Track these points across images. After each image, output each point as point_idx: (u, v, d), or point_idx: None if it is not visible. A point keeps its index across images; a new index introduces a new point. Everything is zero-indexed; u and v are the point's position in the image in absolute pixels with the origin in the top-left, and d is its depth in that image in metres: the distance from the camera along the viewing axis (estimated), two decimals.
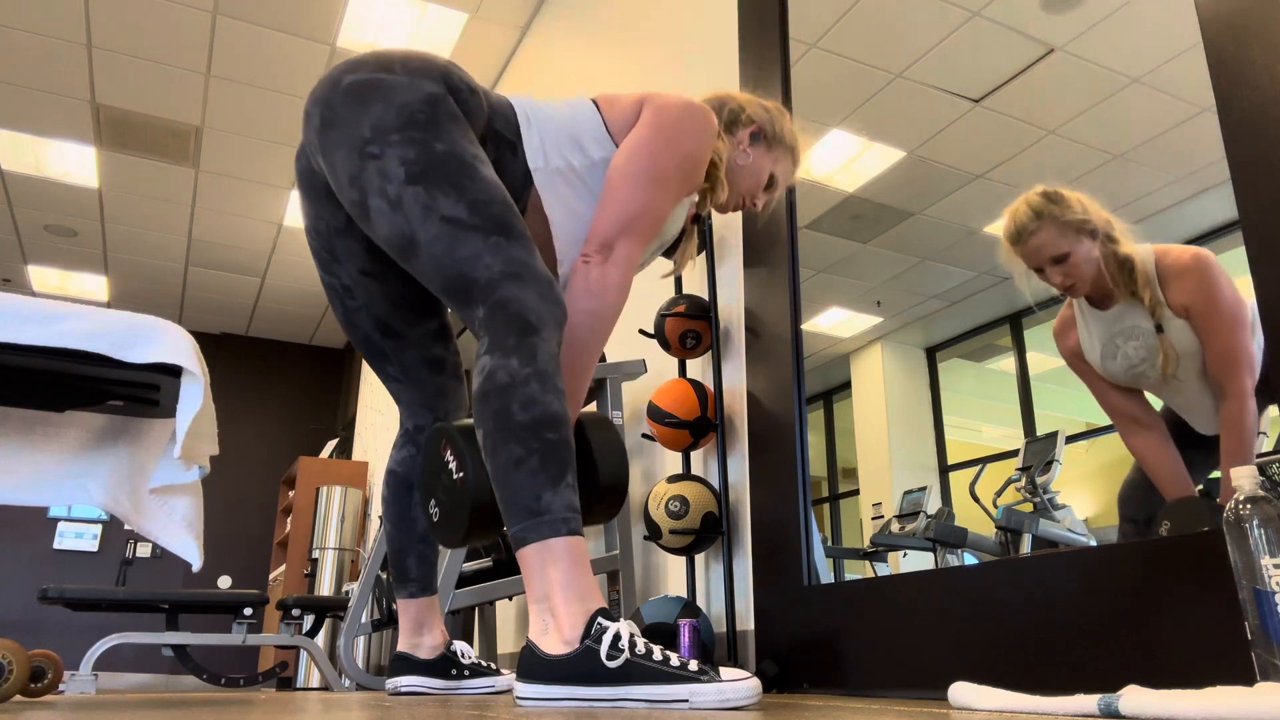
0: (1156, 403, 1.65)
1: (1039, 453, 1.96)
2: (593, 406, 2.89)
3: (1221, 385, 1.49)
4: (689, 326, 2.46)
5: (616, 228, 1.46)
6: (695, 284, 2.75)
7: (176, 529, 1.76)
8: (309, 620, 3.90)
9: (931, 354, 2.47)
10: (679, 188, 1.53)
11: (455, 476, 1.38)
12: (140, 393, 1.68)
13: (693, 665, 1.13)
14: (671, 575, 2.62)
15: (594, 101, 1.57)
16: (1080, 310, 1.70)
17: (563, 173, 1.50)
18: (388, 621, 3.09)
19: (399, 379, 1.69)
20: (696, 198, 1.70)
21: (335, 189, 1.40)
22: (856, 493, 2.63)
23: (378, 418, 6.98)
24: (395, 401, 1.75)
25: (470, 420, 1.39)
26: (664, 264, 1.87)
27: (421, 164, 1.32)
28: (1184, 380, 1.55)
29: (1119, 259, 1.60)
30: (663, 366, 2.87)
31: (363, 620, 3.05)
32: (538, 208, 1.50)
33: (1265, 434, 1.45)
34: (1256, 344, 1.43)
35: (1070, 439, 1.91)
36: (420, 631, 1.76)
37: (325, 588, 6.12)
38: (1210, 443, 1.54)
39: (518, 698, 1.19)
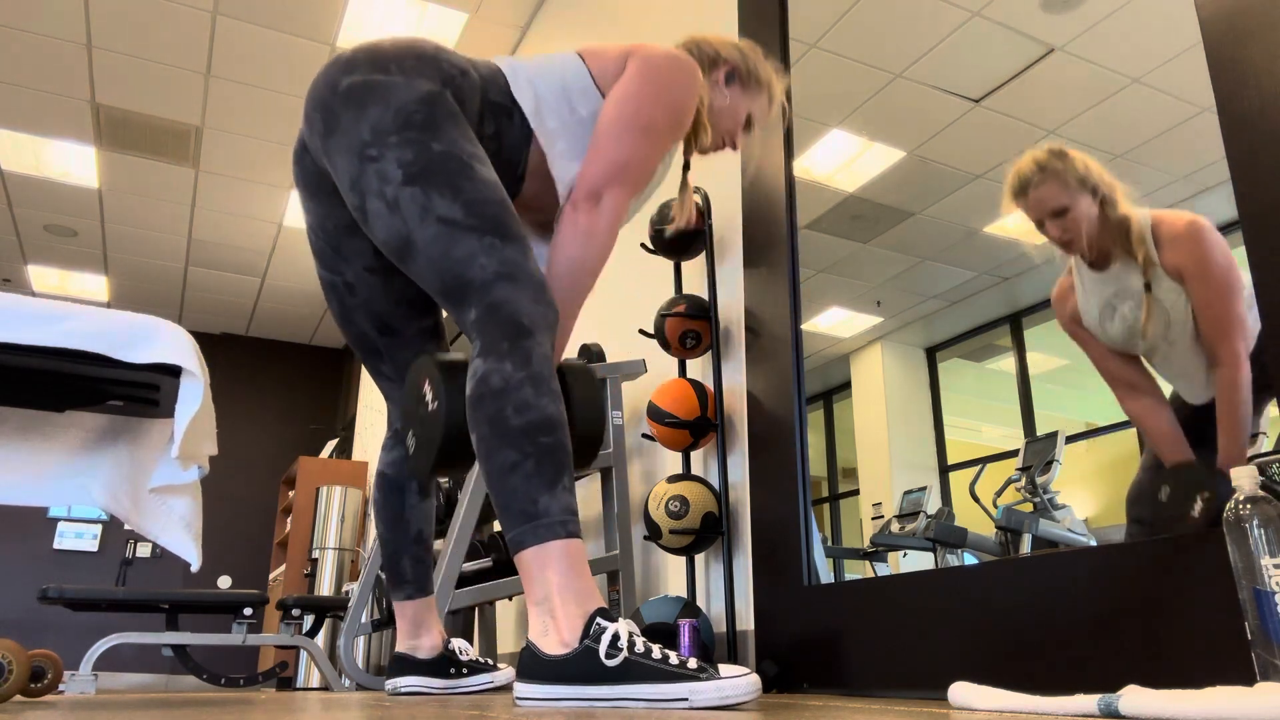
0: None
1: (1039, 453, 1.96)
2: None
3: (1215, 352, 1.51)
4: (689, 326, 2.46)
5: (604, 177, 1.47)
6: (695, 284, 2.75)
7: (176, 529, 1.76)
8: (309, 620, 3.90)
9: (931, 354, 2.47)
10: (667, 137, 1.54)
11: (430, 408, 1.39)
12: (140, 393, 1.68)
13: (692, 664, 1.13)
14: (671, 575, 2.62)
15: (580, 55, 1.58)
16: (1078, 274, 1.73)
17: (558, 130, 1.51)
18: (388, 621, 3.09)
19: (391, 378, 1.69)
20: (681, 150, 1.72)
21: (342, 192, 1.42)
22: (856, 493, 2.63)
23: (377, 418, 6.98)
24: (386, 400, 1.75)
25: (454, 355, 1.43)
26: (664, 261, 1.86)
27: (419, 164, 1.32)
28: (1175, 344, 1.58)
29: (1116, 219, 1.64)
30: (663, 366, 2.87)
31: (363, 620, 3.05)
32: (539, 166, 1.53)
33: (1265, 434, 1.45)
34: (1252, 315, 1.44)
35: (1070, 439, 1.91)
36: (418, 632, 1.76)
37: (325, 588, 6.12)
38: (1205, 418, 1.56)
39: (517, 698, 1.19)
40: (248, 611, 3.55)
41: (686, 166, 1.82)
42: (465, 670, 1.79)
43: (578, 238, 1.45)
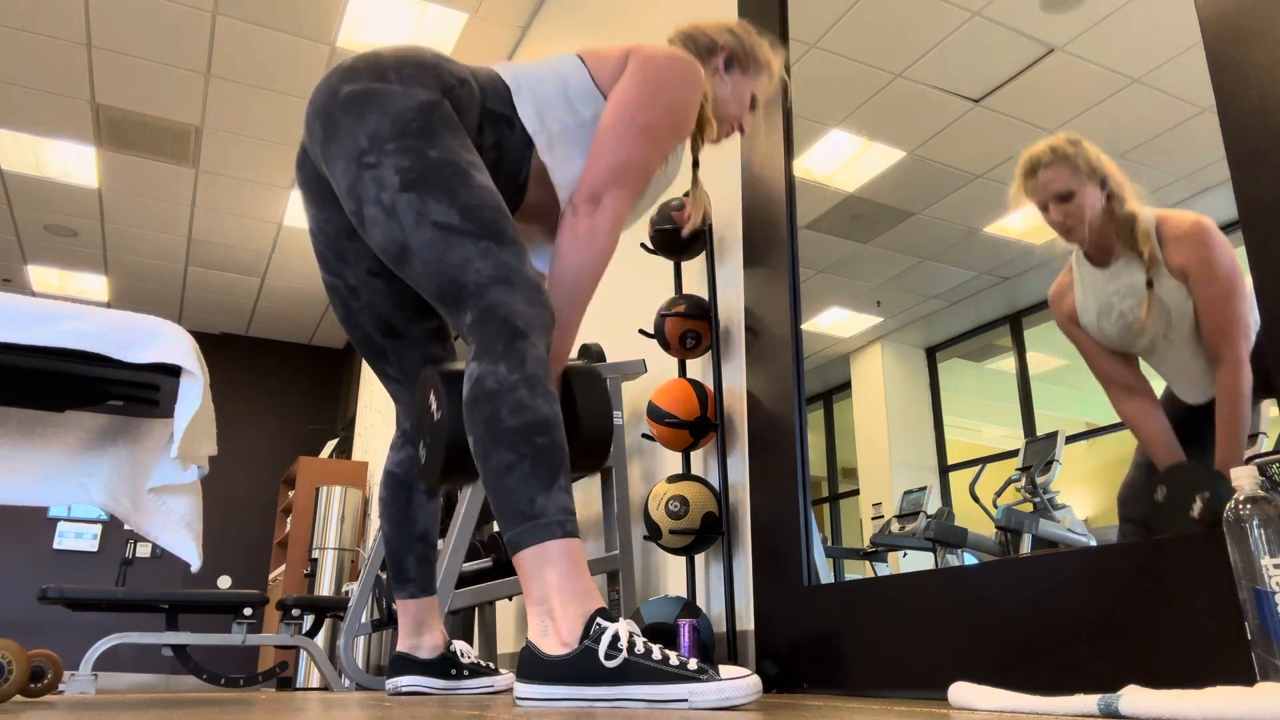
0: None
1: (1039, 453, 1.96)
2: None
3: (1218, 352, 1.51)
4: (689, 326, 2.46)
5: (605, 179, 1.47)
6: (695, 284, 2.75)
7: (175, 529, 1.76)
8: (309, 620, 3.90)
9: (931, 354, 2.47)
10: (668, 139, 1.54)
11: (436, 417, 1.40)
12: (140, 393, 1.68)
13: (692, 664, 1.13)
14: (671, 575, 2.62)
15: (580, 57, 1.58)
16: (1078, 270, 1.73)
17: (559, 135, 1.51)
18: (388, 621, 3.09)
19: (398, 379, 1.70)
20: (688, 148, 1.72)
21: (339, 197, 1.43)
22: (856, 493, 2.64)
23: (378, 418, 6.98)
24: (394, 401, 1.75)
25: (457, 365, 1.44)
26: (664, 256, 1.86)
27: (416, 170, 1.33)
28: (1174, 342, 1.58)
29: (1122, 215, 1.64)
30: (663, 366, 2.87)
31: (363, 620, 3.05)
32: (542, 174, 1.53)
33: (1265, 434, 1.45)
34: (1254, 315, 1.44)
35: (1070, 439, 1.91)
36: (420, 632, 1.76)
37: (325, 588, 6.12)
38: (1199, 417, 1.55)
39: (517, 698, 1.19)
40: (248, 611, 3.55)
41: (696, 164, 1.82)
42: (466, 672, 1.79)
43: (577, 241, 1.45)
